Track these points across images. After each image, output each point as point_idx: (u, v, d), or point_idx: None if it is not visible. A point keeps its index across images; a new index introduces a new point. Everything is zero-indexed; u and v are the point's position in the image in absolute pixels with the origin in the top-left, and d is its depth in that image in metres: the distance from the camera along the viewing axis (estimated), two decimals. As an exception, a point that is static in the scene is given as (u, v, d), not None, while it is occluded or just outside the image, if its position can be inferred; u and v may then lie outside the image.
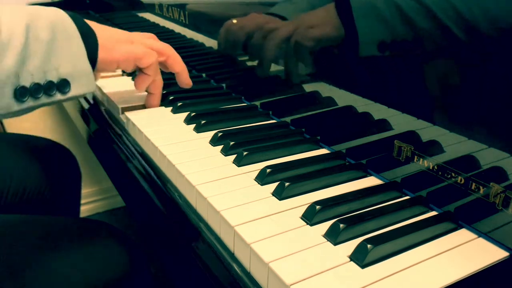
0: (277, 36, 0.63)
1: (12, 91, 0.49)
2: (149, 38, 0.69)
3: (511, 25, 0.36)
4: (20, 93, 0.49)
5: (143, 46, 0.64)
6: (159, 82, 0.69)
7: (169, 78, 0.81)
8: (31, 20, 0.51)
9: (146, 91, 0.70)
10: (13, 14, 0.50)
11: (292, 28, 0.60)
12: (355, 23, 0.49)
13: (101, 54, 0.59)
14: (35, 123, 1.57)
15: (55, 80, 0.52)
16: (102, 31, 0.60)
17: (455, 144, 0.43)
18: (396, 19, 0.45)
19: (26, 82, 0.50)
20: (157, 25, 1.11)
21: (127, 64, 0.63)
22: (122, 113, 0.68)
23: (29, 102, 0.51)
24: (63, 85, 0.53)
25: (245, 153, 0.53)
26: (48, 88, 0.52)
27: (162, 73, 0.70)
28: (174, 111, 0.68)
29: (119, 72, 0.89)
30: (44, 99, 0.52)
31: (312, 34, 0.57)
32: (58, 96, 0.53)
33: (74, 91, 0.54)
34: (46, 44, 0.51)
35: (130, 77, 0.85)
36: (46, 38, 0.51)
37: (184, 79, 0.72)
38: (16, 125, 1.53)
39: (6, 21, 0.49)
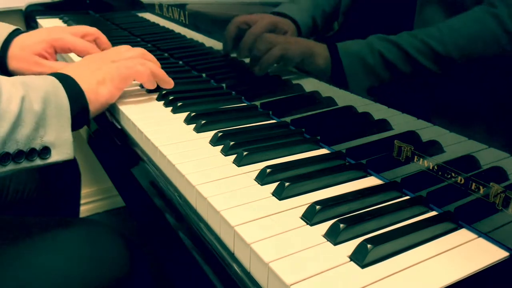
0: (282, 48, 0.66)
1: None
2: (124, 52, 0.70)
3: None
4: (3, 158, 0.51)
5: (118, 72, 0.66)
6: (153, 69, 0.70)
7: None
8: (27, 91, 0.53)
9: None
10: (11, 85, 0.53)
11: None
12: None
13: (92, 107, 0.62)
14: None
15: (37, 147, 0.54)
16: (84, 79, 0.61)
17: (455, 144, 0.43)
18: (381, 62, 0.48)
19: (11, 149, 0.51)
20: (157, 25, 1.11)
21: (117, 95, 0.67)
22: (122, 113, 0.68)
23: (10, 166, 0.52)
24: (44, 152, 0.55)
25: (245, 153, 0.53)
26: (30, 154, 0.53)
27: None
28: (174, 111, 0.68)
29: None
30: (24, 163, 0.53)
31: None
32: (38, 162, 0.55)
33: (53, 157, 0.56)
34: (37, 115, 0.53)
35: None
36: (38, 110, 0.53)
37: (165, 82, 0.73)
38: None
39: (6, 91, 0.51)
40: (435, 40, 0.42)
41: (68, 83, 0.59)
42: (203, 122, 0.62)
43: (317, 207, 0.43)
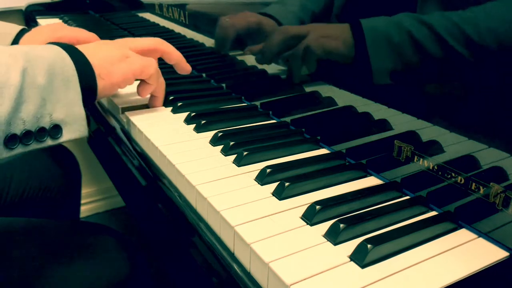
0: (290, 33, 0.61)
1: (2, 139, 0.46)
2: (138, 41, 0.67)
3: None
4: (10, 140, 0.46)
5: (139, 59, 0.62)
6: (162, 85, 0.69)
7: (169, 78, 0.81)
8: (28, 62, 0.48)
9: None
10: (10, 55, 0.47)
11: (305, 31, 0.59)
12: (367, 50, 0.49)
13: (100, 84, 0.57)
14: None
15: (47, 126, 0.49)
16: (96, 56, 0.57)
17: (455, 144, 0.43)
18: (407, 45, 0.45)
19: (17, 130, 0.47)
20: (157, 25, 1.11)
21: (127, 83, 0.61)
22: (123, 113, 0.68)
23: (19, 149, 0.48)
24: (55, 131, 0.50)
25: (245, 153, 0.53)
26: (39, 134, 0.49)
27: (163, 72, 0.70)
28: (174, 111, 0.68)
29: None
30: (34, 145, 0.49)
31: (326, 45, 0.56)
32: (49, 142, 0.50)
33: (65, 136, 0.51)
34: (42, 89, 0.48)
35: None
36: (42, 83, 0.48)
37: (183, 67, 0.72)
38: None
39: (3, 63, 0.46)
40: (470, 25, 0.40)
41: (74, 53, 0.54)
42: (203, 122, 0.62)
43: (317, 207, 0.43)
